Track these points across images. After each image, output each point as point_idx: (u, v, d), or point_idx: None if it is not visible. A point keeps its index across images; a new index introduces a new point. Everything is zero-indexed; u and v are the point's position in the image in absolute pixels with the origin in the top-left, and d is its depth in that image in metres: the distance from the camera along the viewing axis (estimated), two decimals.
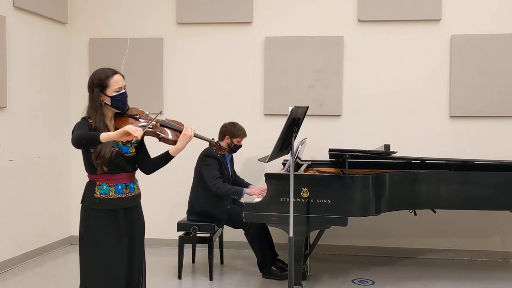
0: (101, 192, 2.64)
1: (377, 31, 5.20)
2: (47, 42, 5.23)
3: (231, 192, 4.33)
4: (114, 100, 2.63)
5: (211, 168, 4.34)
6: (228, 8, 5.35)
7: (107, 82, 2.62)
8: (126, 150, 2.69)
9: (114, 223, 2.65)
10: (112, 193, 2.65)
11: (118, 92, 2.64)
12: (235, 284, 4.36)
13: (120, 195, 2.67)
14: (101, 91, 2.63)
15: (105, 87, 2.63)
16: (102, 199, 2.64)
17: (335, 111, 5.25)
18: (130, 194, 2.72)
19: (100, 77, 2.63)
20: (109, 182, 2.65)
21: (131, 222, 2.73)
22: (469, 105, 5.07)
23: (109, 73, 2.65)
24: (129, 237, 2.72)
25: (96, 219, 2.64)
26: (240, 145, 4.55)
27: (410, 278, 4.50)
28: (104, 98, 2.64)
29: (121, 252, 2.67)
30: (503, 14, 5.04)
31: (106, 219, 2.64)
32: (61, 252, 5.33)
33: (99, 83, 2.63)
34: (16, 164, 4.77)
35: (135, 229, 2.75)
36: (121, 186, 2.68)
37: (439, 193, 4.03)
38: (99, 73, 2.67)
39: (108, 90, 2.63)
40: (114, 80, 2.64)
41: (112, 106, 2.65)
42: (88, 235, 2.65)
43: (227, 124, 4.53)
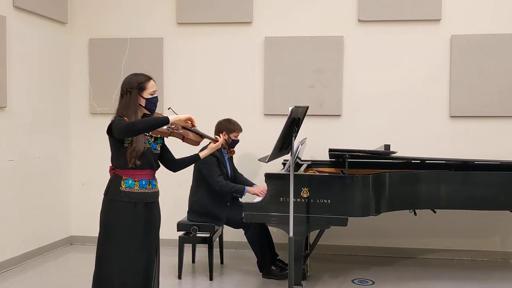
0: (126, 185, 2.85)
1: (377, 31, 5.20)
2: (47, 42, 5.23)
3: (233, 191, 4.35)
4: (149, 102, 2.90)
5: (210, 166, 4.34)
6: (228, 8, 5.35)
7: (145, 85, 2.88)
8: (154, 147, 2.95)
9: (135, 215, 2.85)
10: (136, 187, 2.86)
11: (153, 95, 2.91)
12: (235, 284, 4.36)
13: (144, 190, 2.88)
14: (138, 93, 2.87)
15: (143, 90, 2.87)
16: (127, 192, 2.84)
17: (335, 111, 5.25)
18: (152, 190, 2.94)
19: (139, 80, 2.88)
20: (134, 177, 2.86)
21: (150, 216, 2.92)
22: (469, 105, 5.07)
23: (147, 77, 2.92)
24: (147, 230, 2.89)
25: (119, 210, 2.84)
26: (237, 140, 4.55)
27: (410, 278, 4.50)
28: (140, 100, 2.88)
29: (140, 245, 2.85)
30: (503, 14, 5.04)
31: (128, 210, 2.83)
32: (61, 252, 5.33)
33: (138, 85, 2.86)
34: (16, 164, 4.77)
35: (153, 222, 2.95)
36: (145, 181, 2.89)
37: (439, 193, 4.03)
38: (137, 77, 2.91)
39: (145, 93, 2.88)
40: (151, 84, 2.91)
41: (146, 107, 2.90)
42: (109, 226, 2.84)
43: (221, 121, 4.55)
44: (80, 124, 5.65)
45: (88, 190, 5.60)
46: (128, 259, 2.81)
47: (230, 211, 4.44)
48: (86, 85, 5.61)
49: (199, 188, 4.46)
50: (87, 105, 5.60)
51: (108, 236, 2.84)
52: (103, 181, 3.09)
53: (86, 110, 5.61)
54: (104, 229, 2.86)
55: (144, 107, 2.89)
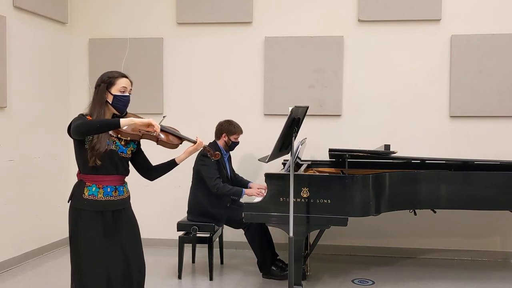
0: (89, 193, 2.66)
1: (377, 31, 5.20)
2: (47, 42, 5.23)
3: (231, 193, 4.33)
4: (116, 99, 2.68)
5: (210, 168, 4.33)
6: (228, 8, 5.35)
7: (114, 80, 2.69)
8: (123, 150, 2.73)
9: (102, 224, 2.66)
10: (100, 195, 2.66)
11: (122, 93, 2.69)
12: (235, 284, 4.36)
13: (109, 197, 2.67)
14: (106, 88, 2.68)
15: (111, 85, 2.68)
16: (90, 200, 2.65)
17: (335, 111, 5.25)
18: (119, 197, 2.72)
19: (109, 75, 2.71)
20: (98, 184, 2.66)
21: (119, 224, 2.72)
22: (469, 105, 5.07)
23: (118, 74, 2.74)
24: (120, 239, 2.71)
25: (84, 219, 2.65)
26: (237, 142, 4.56)
27: (410, 278, 4.50)
28: (107, 96, 2.68)
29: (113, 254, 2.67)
30: (503, 14, 5.04)
31: (93, 220, 2.65)
32: (61, 252, 5.33)
33: (107, 79, 2.69)
34: (16, 164, 4.77)
35: (124, 231, 2.74)
36: (110, 188, 2.69)
37: (439, 193, 4.03)
38: (109, 72, 2.75)
39: (113, 89, 2.68)
40: (122, 81, 2.71)
41: (113, 104, 2.68)
42: (76, 235, 2.67)
43: (222, 122, 4.55)
44: None
45: None
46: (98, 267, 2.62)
47: (229, 212, 4.44)
48: (86, 85, 5.61)
49: (198, 189, 4.46)
50: (87, 105, 5.58)
51: (76, 245, 2.64)
52: None
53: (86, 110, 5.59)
54: (73, 240, 2.67)
55: (111, 104, 2.67)
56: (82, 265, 2.65)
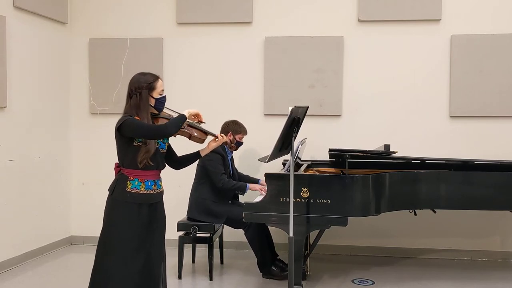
0: (132, 186, 2.83)
1: (377, 31, 5.20)
2: (47, 42, 5.23)
3: (235, 188, 4.40)
4: (158, 102, 2.90)
5: (216, 164, 4.41)
6: (228, 8, 5.35)
7: (154, 84, 2.87)
8: (162, 146, 2.96)
9: (139, 216, 2.84)
10: (142, 188, 2.85)
11: (161, 95, 2.90)
12: (235, 284, 4.36)
13: (149, 191, 2.87)
14: (149, 93, 2.85)
15: (153, 90, 2.86)
16: (132, 193, 2.83)
17: (335, 111, 5.25)
18: (157, 190, 2.93)
19: (148, 80, 2.86)
20: (140, 178, 2.84)
21: (154, 216, 2.92)
22: (469, 105, 5.07)
23: (155, 77, 2.90)
24: (150, 230, 2.89)
25: (123, 210, 2.83)
26: (242, 142, 4.65)
27: (410, 278, 4.50)
28: (150, 100, 2.86)
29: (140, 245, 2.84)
30: (503, 14, 5.04)
31: (132, 211, 2.83)
32: (61, 252, 5.33)
33: (148, 85, 2.85)
34: (16, 164, 4.77)
35: (158, 223, 2.95)
36: (150, 182, 2.88)
37: (439, 193, 4.03)
38: (146, 77, 2.88)
39: (154, 93, 2.87)
40: (160, 84, 2.90)
41: (155, 107, 2.89)
42: (112, 226, 2.84)
43: (229, 121, 4.63)
44: (80, 124, 5.65)
45: (88, 190, 5.60)
46: (128, 259, 2.79)
47: (230, 210, 4.45)
48: (86, 85, 5.61)
49: (201, 185, 4.50)
50: (87, 105, 5.60)
51: (110, 236, 2.83)
52: (103, 181, 3.10)
53: (86, 110, 5.60)
54: (107, 229, 2.85)
55: (153, 106, 2.88)
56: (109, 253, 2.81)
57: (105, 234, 2.85)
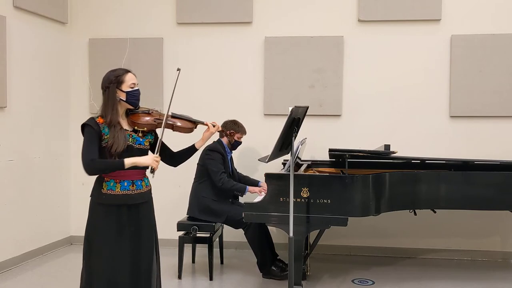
0: (108, 188, 2.75)
1: (377, 31, 5.20)
2: (47, 42, 5.23)
3: (234, 189, 4.40)
4: (130, 95, 2.78)
5: (216, 162, 4.42)
6: (228, 8, 5.35)
7: (122, 78, 2.77)
8: (141, 142, 2.83)
9: (117, 219, 2.75)
10: (118, 189, 2.75)
11: (132, 88, 2.79)
12: (235, 284, 4.36)
13: (126, 191, 2.76)
14: (117, 87, 2.76)
15: (121, 83, 2.77)
16: (108, 194, 2.75)
17: (335, 111, 5.25)
18: (137, 191, 2.80)
19: (116, 74, 2.78)
20: (116, 179, 2.76)
21: (135, 219, 2.81)
22: (469, 105, 5.07)
23: (124, 71, 2.82)
24: (134, 233, 2.79)
25: (101, 214, 2.76)
26: (240, 142, 4.65)
27: (410, 278, 4.50)
28: (120, 94, 2.76)
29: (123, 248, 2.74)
30: (503, 14, 5.04)
31: (109, 214, 2.75)
32: (61, 252, 5.33)
33: (115, 79, 2.76)
34: (16, 164, 4.77)
35: (140, 226, 2.83)
36: (127, 183, 2.77)
37: (439, 193, 4.03)
38: (114, 72, 2.81)
39: (124, 86, 2.77)
40: (129, 77, 2.80)
41: (127, 101, 2.78)
42: (92, 229, 2.78)
43: (228, 121, 4.63)
44: (80, 124, 5.60)
45: (88, 190, 5.48)
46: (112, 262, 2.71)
47: (230, 209, 4.46)
48: (86, 85, 5.61)
49: (202, 184, 4.50)
50: (87, 105, 5.60)
51: (92, 239, 2.76)
52: None
53: (86, 110, 5.60)
54: (88, 232, 2.79)
55: (126, 101, 2.77)
56: (92, 258, 2.74)
57: (88, 237, 2.78)
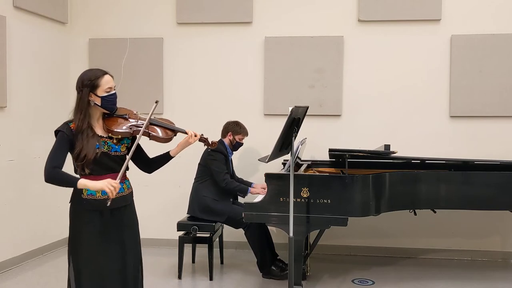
0: (88, 192, 2.62)
1: (377, 31, 5.20)
2: (47, 42, 5.23)
3: (237, 189, 4.44)
4: (105, 101, 2.60)
5: (219, 163, 4.44)
6: (228, 8, 5.35)
7: (97, 82, 2.58)
8: (116, 148, 2.67)
9: (100, 224, 2.63)
10: (98, 194, 2.60)
11: (108, 93, 2.60)
12: (235, 284, 4.36)
13: (106, 196, 2.52)
14: (91, 91, 2.58)
15: (96, 87, 2.58)
16: (89, 199, 2.62)
17: (335, 111, 5.25)
18: (118, 194, 2.60)
19: (90, 77, 2.59)
20: None
21: (119, 223, 2.69)
22: (469, 105, 5.07)
23: (100, 73, 2.61)
24: (119, 237, 2.68)
25: (83, 219, 2.64)
26: (242, 143, 4.67)
27: (410, 278, 4.50)
28: (94, 99, 2.59)
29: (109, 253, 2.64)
30: (503, 14, 5.04)
31: (92, 220, 2.62)
32: (61, 252, 5.33)
33: (89, 83, 2.57)
34: (16, 164, 4.77)
35: (124, 229, 2.71)
36: None
37: (439, 193, 4.03)
38: (89, 73, 2.62)
39: (99, 91, 2.58)
40: (105, 81, 2.60)
41: (102, 106, 2.61)
42: (75, 235, 2.66)
43: (230, 122, 4.66)
44: None
45: None
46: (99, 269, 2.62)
47: (231, 209, 4.46)
48: None
49: (202, 183, 4.51)
50: None
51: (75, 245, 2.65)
52: None
53: None
54: (71, 241, 2.67)
55: (100, 106, 2.59)
56: (78, 265, 2.64)
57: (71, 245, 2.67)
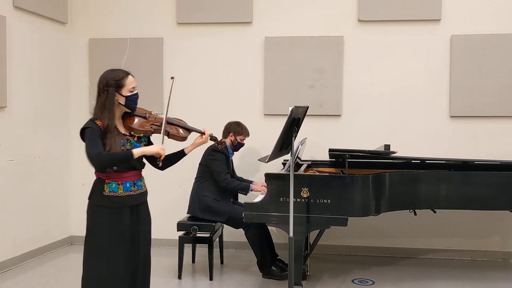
0: (110, 190, 2.72)
1: (377, 31, 5.20)
2: (47, 42, 5.23)
3: (238, 188, 4.44)
4: (129, 100, 2.73)
5: (219, 163, 4.44)
6: (228, 8, 5.35)
7: (122, 82, 2.72)
8: (137, 146, 2.79)
9: (120, 220, 2.73)
10: (120, 191, 2.73)
11: (132, 92, 2.75)
12: (235, 284, 4.36)
13: (128, 192, 2.74)
14: (116, 91, 2.70)
15: (121, 87, 2.71)
16: (111, 196, 2.72)
17: (335, 111, 5.25)
18: (138, 191, 2.80)
19: (115, 78, 2.72)
20: (118, 180, 2.73)
21: (136, 219, 2.80)
22: (469, 105, 5.07)
23: (123, 74, 2.75)
24: (134, 234, 2.78)
25: (103, 216, 2.73)
26: (243, 143, 4.68)
27: (410, 278, 4.50)
28: (119, 98, 2.72)
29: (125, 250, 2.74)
30: (503, 14, 5.04)
31: (112, 216, 2.72)
32: (61, 252, 5.33)
33: (114, 83, 2.70)
34: (16, 164, 4.76)
35: (140, 226, 2.82)
36: (129, 184, 2.76)
37: (439, 193, 4.03)
38: (113, 74, 2.74)
39: (123, 90, 2.72)
40: (129, 81, 2.74)
41: (126, 105, 2.74)
42: (93, 231, 2.76)
43: (232, 122, 4.67)
44: (80, 124, 5.48)
45: (88, 190, 5.55)
46: (114, 263, 2.70)
47: (231, 209, 4.46)
48: (86, 85, 5.61)
49: (203, 183, 4.51)
50: (87, 105, 5.60)
51: (93, 242, 2.74)
52: None
53: (86, 110, 5.60)
54: (89, 235, 2.76)
55: (124, 105, 2.74)
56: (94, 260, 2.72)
57: (89, 241, 2.76)
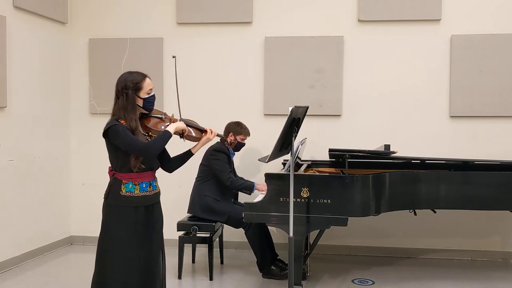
0: (127, 190, 2.77)
1: (377, 31, 5.20)
2: (47, 42, 5.23)
3: (243, 187, 4.43)
4: (146, 102, 2.82)
5: (222, 163, 4.44)
6: (228, 8, 5.35)
7: (141, 84, 2.79)
8: None
9: (136, 219, 2.78)
10: (137, 191, 2.78)
11: (149, 94, 2.82)
12: (235, 284, 4.36)
13: (144, 193, 2.80)
14: (135, 93, 2.78)
15: (139, 90, 2.79)
16: (127, 196, 2.77)
17: (335, 111, 5.25)
18: (153, 191, 2.86)
19: (133, 80, 2.79)
20: (134, 181, 2.78)
21: (152, 218, 2.86)
22: (469, 105, 5.07)
23: (141, 76, 2.82)
24: (149, 233, 2.83)
25: (120, 215, 2.77)
26: (243, 143, 4.67)
27: (410, 278, 4.50)
28: (137, 100, 2.79)
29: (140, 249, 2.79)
30: (503, 14, 5.04)
31: (128, 215, 2.77)
32: (61, 252, 5.33)
33: (132, 86, 2.77)
34: (16, 164, 4.76)
35: (155, 225, 2.88)
36: (145, 184, 2.82)
37: (439, 193, 4.03)
38: (131, 77, 2.81)
39: (141, 92, 2.79)
40: (147, 83, 2.82)
41: (143, 107, 2.82)
42: (108, 231, 2.79)
43: (231, 122, 4.67)
44: (80, 124, 5.65)
45: (88, 190, 5.60)
46: (128, 263, 2.75)
47: (232, 209, 4.46)
48: (86, 85, 5.61)
49: (204, 183, 4.52)
50: (87, 105, 5.60)
51: (108, 241, 2.78)
52: (103, 182, 3.08)
53: (86, 110, 5.61)
54: (104, 233, 2.80)
55: (142, 107, 2.81)
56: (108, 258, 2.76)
57: (104, 239, 2.80)
